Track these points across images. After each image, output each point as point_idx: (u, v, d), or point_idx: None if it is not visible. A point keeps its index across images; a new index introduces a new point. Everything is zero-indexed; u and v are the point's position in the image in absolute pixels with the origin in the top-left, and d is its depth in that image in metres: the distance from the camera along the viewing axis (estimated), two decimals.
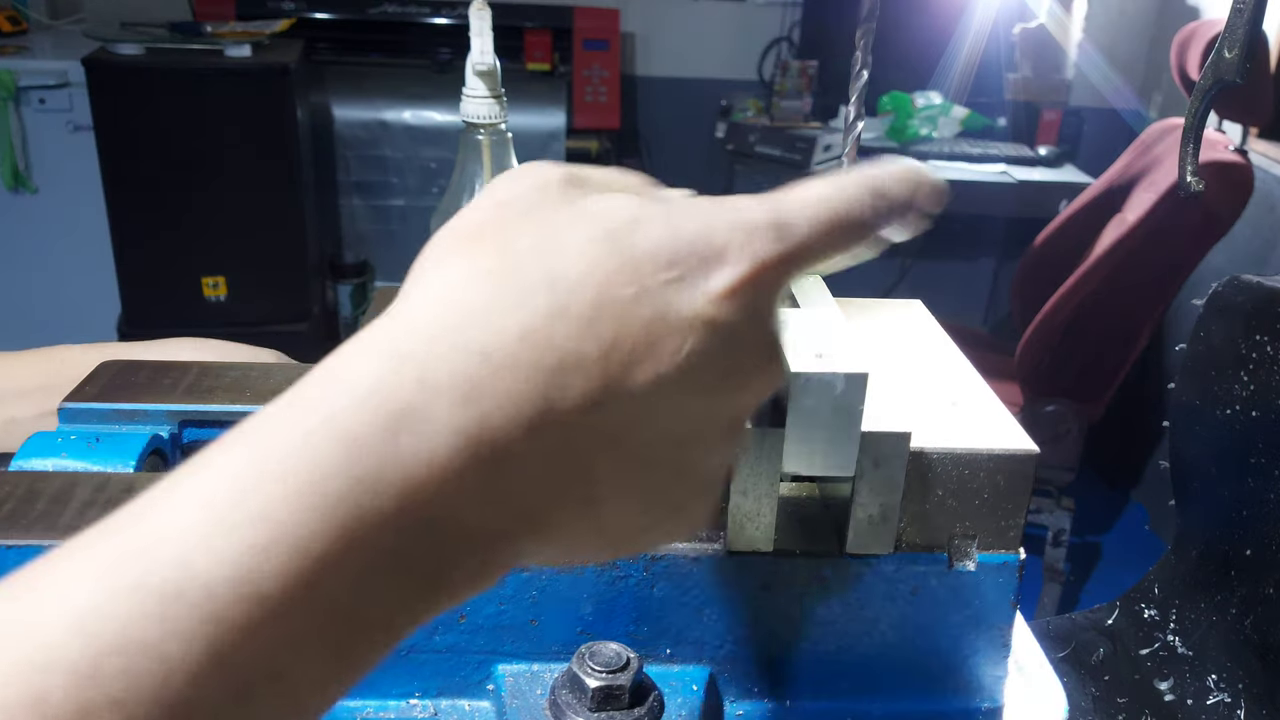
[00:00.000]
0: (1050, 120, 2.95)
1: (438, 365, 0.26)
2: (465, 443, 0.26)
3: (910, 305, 0.63)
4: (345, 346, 0.28)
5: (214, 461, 0.25)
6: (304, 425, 0.25)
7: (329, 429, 0.25)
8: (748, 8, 3.15)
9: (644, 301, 0.28)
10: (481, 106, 0.80)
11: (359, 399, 0.25)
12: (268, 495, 0.24)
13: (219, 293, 2.38)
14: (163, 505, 0.24)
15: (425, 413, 0.25)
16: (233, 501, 0.24)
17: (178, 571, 0.23)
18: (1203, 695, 0.73)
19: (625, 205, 0.30)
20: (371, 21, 2.89)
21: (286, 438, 0.25)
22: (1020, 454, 0.47)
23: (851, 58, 0.59)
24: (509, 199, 0.30)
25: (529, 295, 0.27)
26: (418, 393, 0.26)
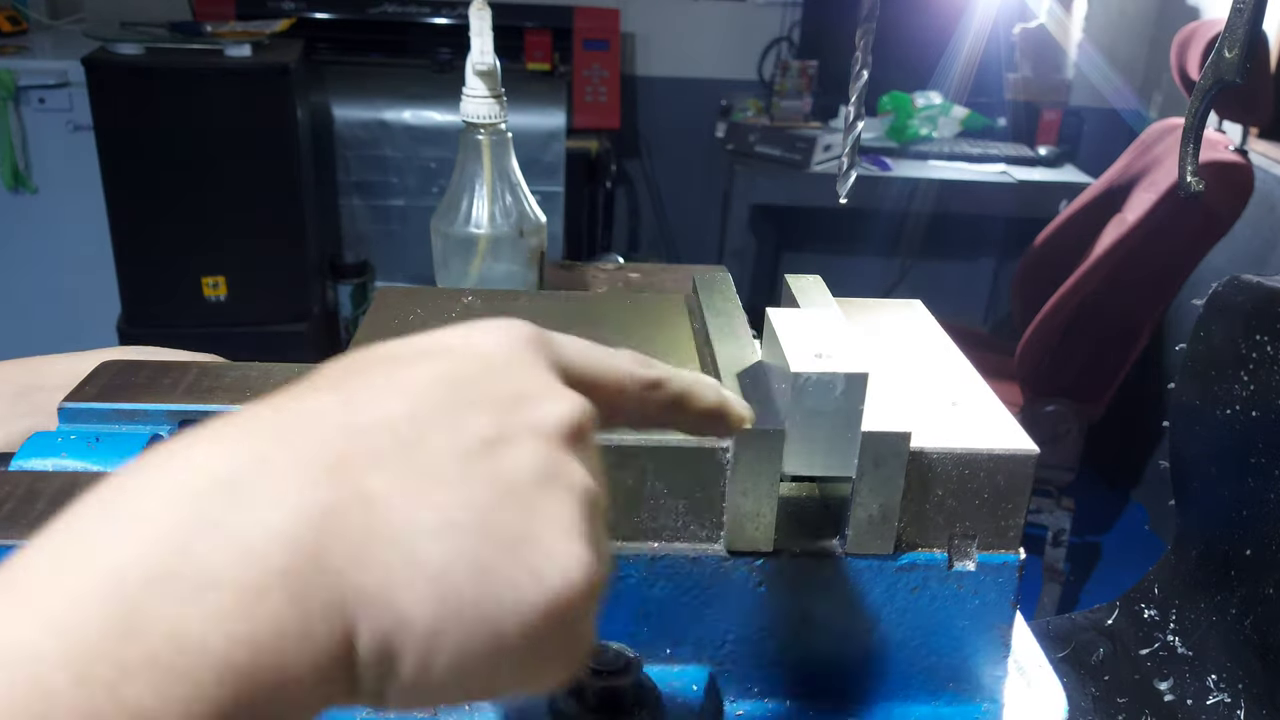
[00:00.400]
0: (1050, 120, 2.95)
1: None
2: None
3: (910, 305, 0.63)
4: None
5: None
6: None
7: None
8: (748, 8, 3.15)
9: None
10: (481, 106, 0.80)
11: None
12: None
13: (219, 293, 2.38)
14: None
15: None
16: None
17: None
18: (1203, 695, 0.73)
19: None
20: (371, 21, 2.89)
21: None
22: (1020, 454, 0.47)
23: (851, 58, 0.59)
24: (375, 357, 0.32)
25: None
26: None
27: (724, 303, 0.59)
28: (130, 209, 2.29)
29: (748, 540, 0.47)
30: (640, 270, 1.00)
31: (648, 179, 3.31)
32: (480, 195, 0.81)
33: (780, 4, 3.13)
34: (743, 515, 0.47)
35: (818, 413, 0.45)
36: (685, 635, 0.49)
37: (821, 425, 0.45)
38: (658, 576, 0.48)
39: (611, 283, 0.96)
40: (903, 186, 2.71)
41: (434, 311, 0.58)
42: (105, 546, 0.23)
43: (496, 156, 0.82)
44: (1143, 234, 1.97)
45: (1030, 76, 2.93)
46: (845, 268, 3.28)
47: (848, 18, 0.56)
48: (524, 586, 0.26)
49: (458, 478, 0.27)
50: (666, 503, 0.47)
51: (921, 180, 2.71)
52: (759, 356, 0.52)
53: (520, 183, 0.84)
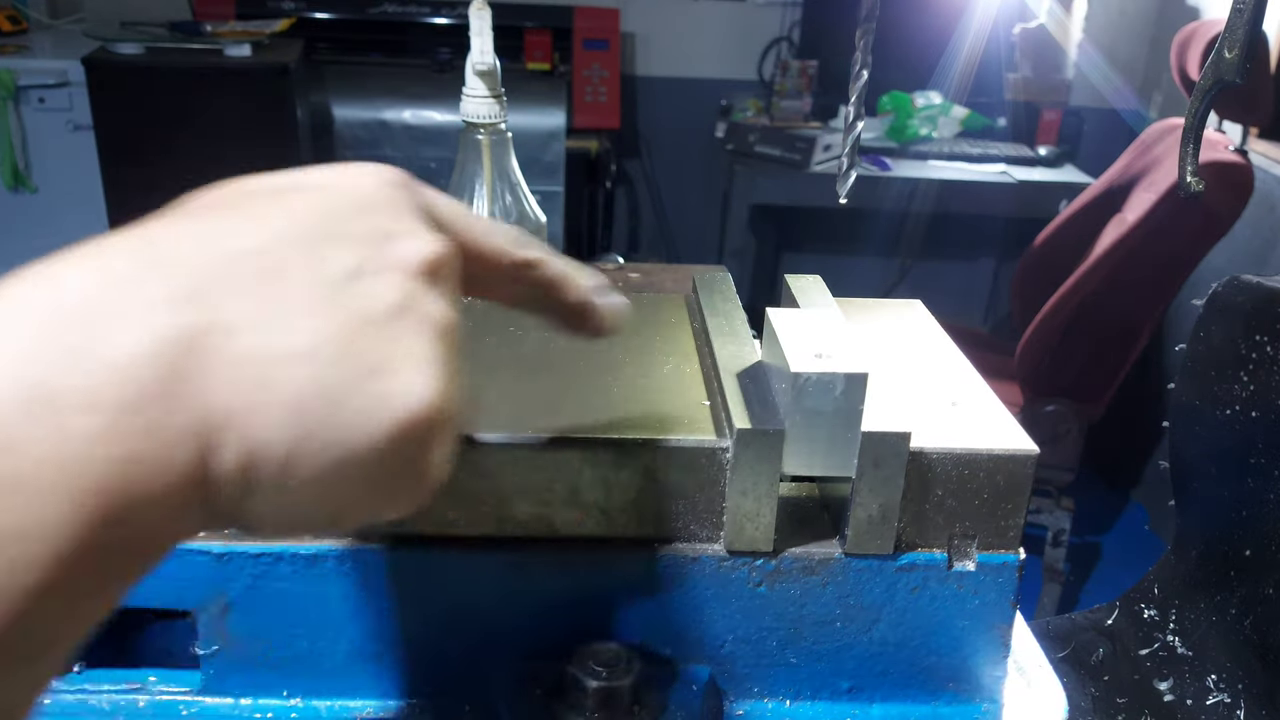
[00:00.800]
0: (1050, 120, 2.95)
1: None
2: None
3: (910, 305, 0.63)
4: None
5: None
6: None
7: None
8: (748, 8, 3.15)
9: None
10: (481, 106, 0.80)
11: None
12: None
13: None
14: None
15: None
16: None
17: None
18: (1203, 695, 0.73)
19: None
20: (371, 21, 2.89)
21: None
22: (1020, 454, 0.47)
23: (851, 58, 0.59)
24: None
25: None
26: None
27: (724, 303, 0.59)
28: (130, 209, 2.27)
29: (748, 540, 0.47)
30: (640, 270, 1.00)
31: (648, 179, 3.31)
32: (480, 195, 0.81)
33: (780, 4, 3.13)
34: (743, 515, 0.47)
35: (818, 413, 0.45)
36: (685, 635, 0.49)
37: (821, 425, 0.45)
38: (658, 576, 0.48)
39: (611, 283, 0.96)
40: (903, 186, 2.70)
41: None
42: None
43: (496, 156, 0.82)
44: (1143, 234, 1.97)
45: (1030, 76, 2.93)
46: (845, 268, 3.28)
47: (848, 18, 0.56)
48: (374, 411, 0.28)
49: (316, 307, 0.28)
50: (666, 503, 0.47)
51: (921, 180, 2.71)
52: (759, 356, 0.52)
53: (520, 183, 0.84)
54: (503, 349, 0.54)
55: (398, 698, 0.50)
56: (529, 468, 0.46)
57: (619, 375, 0.52)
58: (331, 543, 0.47)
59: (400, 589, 0.47)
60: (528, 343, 0.55)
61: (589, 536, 0.48)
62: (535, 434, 0.46)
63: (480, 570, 0.47)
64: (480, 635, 0.49)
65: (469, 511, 0.47)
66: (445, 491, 0.46)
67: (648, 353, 0.55)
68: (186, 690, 0.49)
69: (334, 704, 0.49)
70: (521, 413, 0.48)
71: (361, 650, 0.48)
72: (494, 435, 0.46)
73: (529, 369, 0.52)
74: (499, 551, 0.47)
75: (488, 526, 0.47)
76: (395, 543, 0.47)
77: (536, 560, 0.47)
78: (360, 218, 0.30)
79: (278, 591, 0.47)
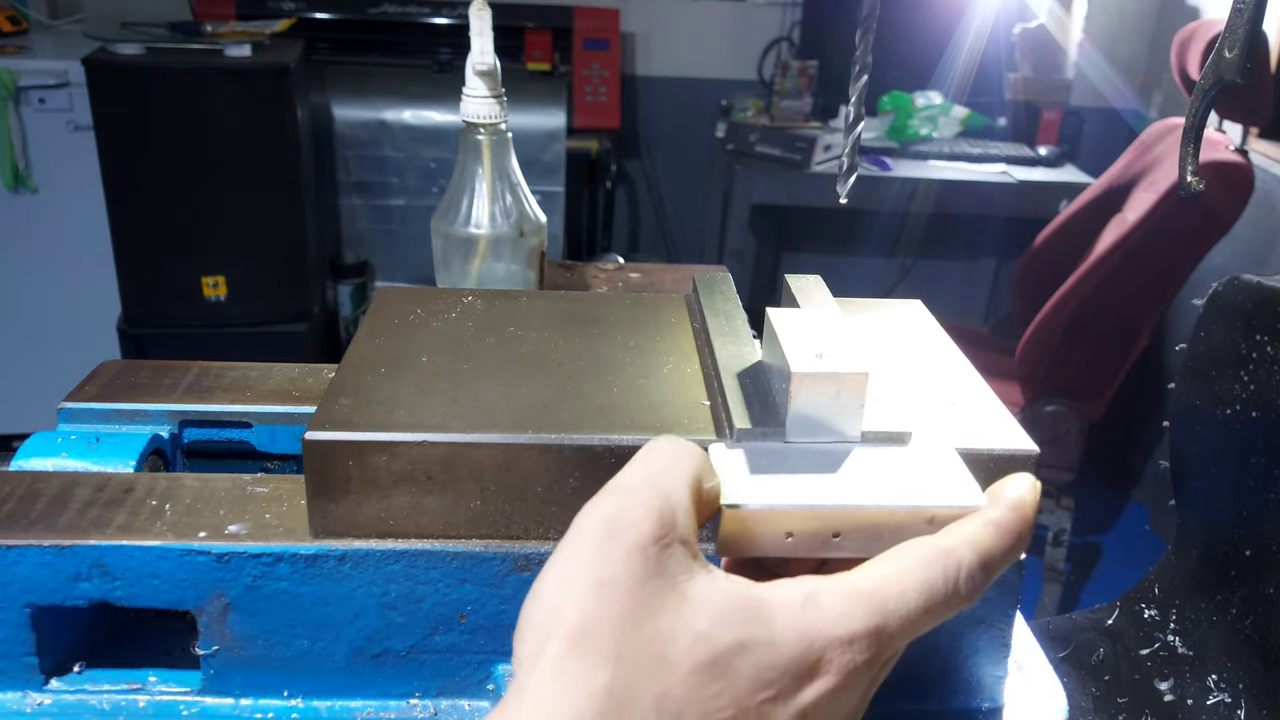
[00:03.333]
0: (1050, 120, 2.95)
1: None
2: None
3: (910, 305, 0.63)
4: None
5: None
6: None
7: None
8: (748, 8, 3.15)
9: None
10: (481, 106, 0.80)
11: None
12: None
13: (219, 293, 2.38)
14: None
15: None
16: None
17: None
18: (1203, 695, 0.73)
19: (728, 625, 0.32)
20: (371, 21, 2.89)
21: None
22: (1020, 454, 0.47)
23: (851, 58, 0.59)
24: (609, 580, 0.32)
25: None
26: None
27: (724, 303, 0.59)
28: (130, 209, 2.28)
29: None
30: (640, 270, 1.00)
31: (648, 179, 3.31)
32: (480, 195, 0.81)
33: (780, 4, 3.13)
34: None
35: (817, 413, 0.45)
36: None
37: (821, 426, 0.45)
38: None
39: (611, 283, 0.96)
40: (903, 186, 2.71)
41: (434, 311, 0.58)
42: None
43: (496, 156, 0.82)
44: (1143, 234, 1.97)
45: (1030, 76, 2.93)
46: (845, 268, 3.28)
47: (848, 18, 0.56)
48: None
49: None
50: None
51: (921, 180, 2.71)
52: (759, 356, 0.52)
53: (520, 183, 0.84)
54: (503, 349, 0.54)
55: (398, 698, 0.50)
56: (529, 468, 0.46)
57: (619, 375, 0.52)
58: (332, 543, 0.47)
59: (400, 589, 0.47)
60: (528, 343, 0.55)
61: None
62: (535, 434, 0.46)
63: (480, 570, 0.47)
64: (480, 635, 0.49)
65: (469, 512, 0.47)
66: (445, 492, 0.47)
67: (648, 353, 0.55)
68: (186, 690, 0.49)
69: (334, 704, 0.49)
70: (521, 413, 0.48)
71: (361, 650, 0.48)
72: (494, 435, 0.46)
73: (529, 369, 0.52)
74: (499, 552, 0.47)
75: (488, 527, 0.47)
76: (395, 542, 0.47)
77: (537, 560, 0.47)
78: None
79: (278, 591, 0.47)
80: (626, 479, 0.35)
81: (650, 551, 0.32)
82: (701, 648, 0.31)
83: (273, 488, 0.51)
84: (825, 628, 0.33)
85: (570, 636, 0.31)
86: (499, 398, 0.49)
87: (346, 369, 0.51)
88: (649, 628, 0.31)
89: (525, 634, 0.32)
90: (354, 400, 0.48)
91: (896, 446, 0.44)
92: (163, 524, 0.48)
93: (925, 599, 0.34)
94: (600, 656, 0.31)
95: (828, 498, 0.39)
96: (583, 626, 0.31)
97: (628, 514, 0.33)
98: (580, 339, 0.56)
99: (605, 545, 0.33)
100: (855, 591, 0.34)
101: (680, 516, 0.34)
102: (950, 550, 0.35)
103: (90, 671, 0.50)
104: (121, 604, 0.47)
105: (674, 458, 0.36)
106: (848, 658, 0.32)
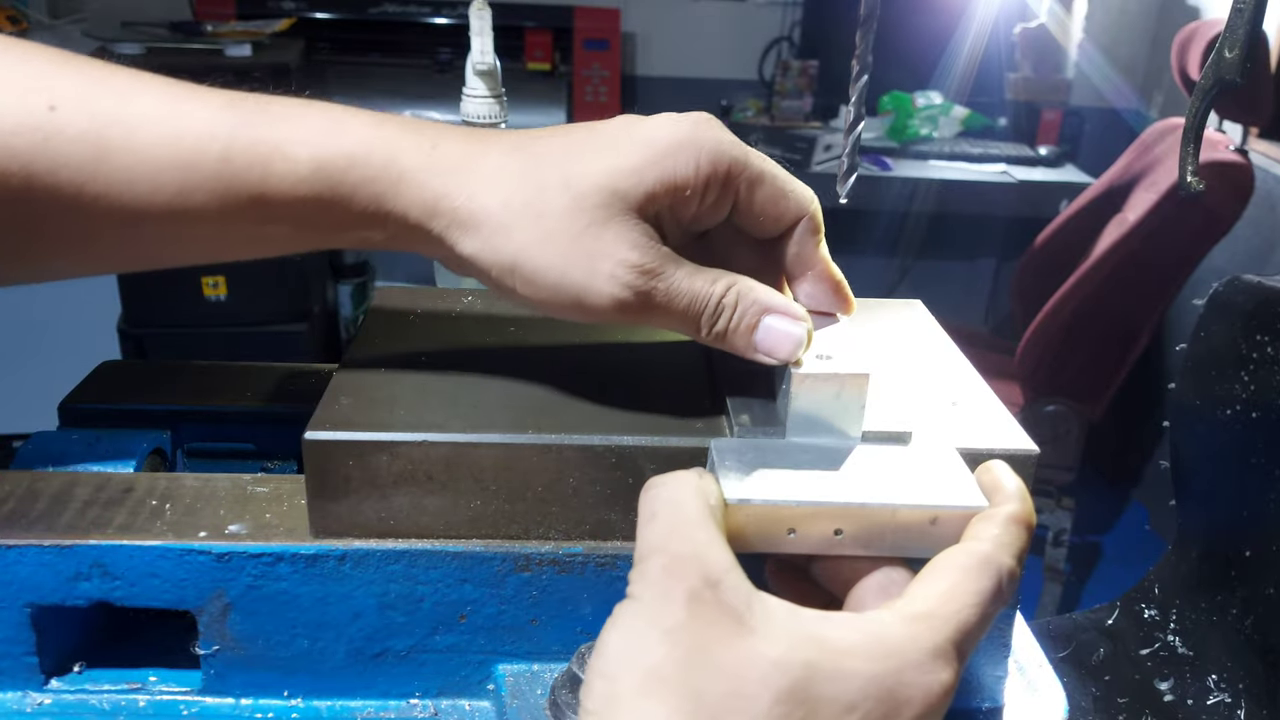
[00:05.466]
0: (1050, 120, 2.95)
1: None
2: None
3: (910, 305, 0.63)
4: None
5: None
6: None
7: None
8: (748, 8, 3.15)
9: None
10: (481, 106, 0.80)
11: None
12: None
13: (219, 293, 2.37)
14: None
15: None
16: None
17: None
18: (1203, 695, 0.73)
19: (800, 649, 0.32)
20: (371, 21, 2.89)
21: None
22: (1020, 454, 0.47)
23: (851, 58, 0.59)
24: (675, 626, 0.32)
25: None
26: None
27: None
28: None
29: None
30: None
31: None
32: None
33: (780, 4, 3.13)
34: None
35: (818, 414, 0.45)
36: None
37: (821, 426, 0.45)
38: None
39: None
40: (903, 186, 2.71)
41: (434, 311, 0.58)
42: None
43: None
44: (1143, 234, 1.97)
45: (1030, 76, 2.93)
46: (845, 268, 3.24)
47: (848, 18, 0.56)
48: None
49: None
50: None
51: (921, 180, 2.71)
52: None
53: None
54: (503, 349, 0.54)
55: (398, 698, 0.50)
56: (529, 468, 0.46)
57: (619, 375, 0.52)
58: (332, 543, 0.47)
59: (400, 589, 0.47)
60: (528, 343, 0.55)
61: (589, 537, 0.48)
62: (535, 434, 0.46)
63: (480, 570, 0.47)
64: (480, 635, 0.49)
65: (468, 512, 0.47)
66: (445, 492, 0.47)
67: (648, 352, 0.55)
68: (186, 690, 0.49)
69: (334, 704, 0.49)
70: (521, 413, 0.48)
71: (361, 650, 0.48)
72: (494, 435, 0.46)
73: (529, 369, 0.52)
74: (499, 552, 0.47)
75: (488, 527, 0.47)
76: (395, 542, 0.47)
77: (536, 560, 0.47)
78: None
79: (278, 591, 0.47)
80: (650, 541, 0.35)
81: (706, 595, 0.32)
82: (779, 675, 0.31)
83: (273, 488, 0.51)
84: (897, 653, 0.33)
85: (644, 680, 0.31)
86: (499, 398, 0.49)
87: (346, 369, 0.51)
88: (723, 663, 0.31)
89: (595, 685, 0.32)
90: (354, 400, 0.48)
91: (898, 446, 0.44)
92: (163, 524, 0.48)
93: (981, 611, 0.35)
94: (678, 697, 0.31)
95: (831, 494, 0.39)
96: (656, 669, 0.31)
97: (671, 569, 0.33)
98: (580, 338, 0.56)
99: (662, 600, 0.33)
100: (916, 615, 0.34)
101: (715, 552, 0.34)
102: (990, 559, 0.36)
103: (90, 671, 0.50)
104: (121, 604, 0.47)
105: (676, 501, 0.36)
106: (927, 680, 0.33)
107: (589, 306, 0.45)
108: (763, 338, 0.45)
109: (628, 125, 0.46)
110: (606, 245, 0.43)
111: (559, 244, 0.44)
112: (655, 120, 0.45)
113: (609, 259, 0.43)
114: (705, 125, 0.45)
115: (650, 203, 0.44)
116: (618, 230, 0.44)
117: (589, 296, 0.44)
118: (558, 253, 0.44)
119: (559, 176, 0.44)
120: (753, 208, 0.46)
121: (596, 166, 0.44)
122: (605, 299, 0.44)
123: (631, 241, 0.44)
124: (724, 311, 0.45)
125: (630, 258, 0.43)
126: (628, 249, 0.43)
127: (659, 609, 0.33)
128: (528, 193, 0.44)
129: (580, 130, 0.46)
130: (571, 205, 0.44)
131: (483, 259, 0.45)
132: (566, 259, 0.44)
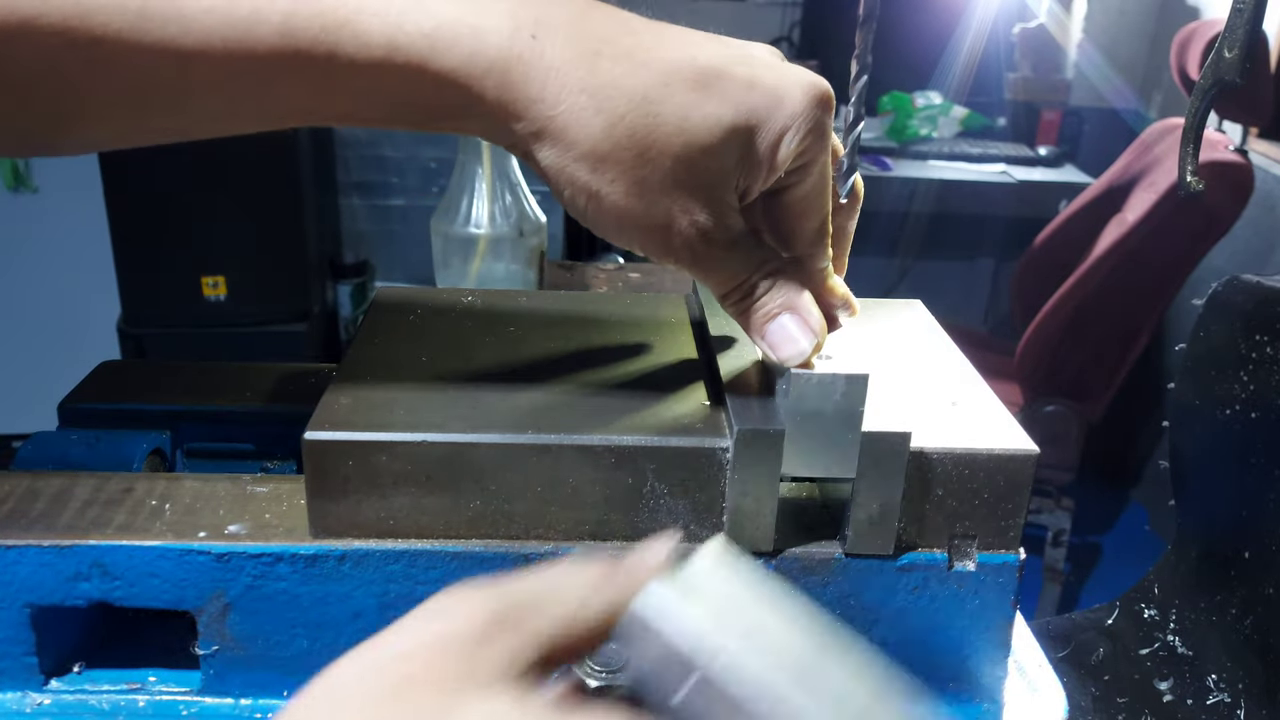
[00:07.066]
0: (1050, 120, 2.95)
1: None
2: None
3: (910, 305, 0.63)
4: None
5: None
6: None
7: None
8: (748, 8, 3.15)
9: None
10: None
11: None
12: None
13: (219, 293, 2.38)
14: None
15: None
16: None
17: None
18: (1203, 695, 0.73)
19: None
20: None
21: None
22: (1020, 454, 0.47)
23: (851, 58, 0.59)
24: (409, 652, 0.30)
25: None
26: None
27: None
28: (130, 209, 2.28)
29: (748, 540, 0.47)
30: (640, 270, 1.00)
31: None
32: (480, 195, 0.81)
33: (780, 4, 3.13)
34: (743, 515, 0.47)
35: (818, 413, 0.45)
36: None
37: (821, 426, 0.45)
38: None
39: (611, 283, 0.96)
40: (903, 186, 2.70)
41: (434, 311, 0.58)
42: None
43: (496, 157, 0.82)
44: (1143, 234, 1.97)
45: (1030, 76, 2.93)
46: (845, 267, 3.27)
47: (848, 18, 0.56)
48: None
49: None
50: (666, 503, 0.47)
51: (921, 180, 2.71)
52: (759, 356, 0.52)
53: (520, 183, 0.84)
54: (503, 349, 0.54)
55: None
56: (529, 468, 0.46)
57: (619, 375, 0.52)
58: (332, 543, 0.47)
59: (400, 589, 0.47)
60: (527, 343, 0.55)
61: (589, 537, 0.48)
62: (535, 434, 0.46)
63: (480, 570, 0.47)
64: None
65: (468, 512, 0.47)
66: (445, 492, 0.47)
67: (647, 352, 0.55)
68: (186, 690, 0.49)
69: None
70: (521, 413, 0.48)
71: None
72: (494, 435, 0.46)
73: (529, 369, 0.52)
74: (499, 552, 0.47)
75: (488, 527, 0.47)
76: (395, 542, 0.47)
77: (536, 560, 0.47)
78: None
79: (278, 591, 0.47)
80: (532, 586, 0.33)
81: (462, 645, 0.30)
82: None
83: (273, 488, 0.51)
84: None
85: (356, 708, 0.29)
86: (499, 398, 0.49)
87: (346, 369, 0.51)
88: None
89: (320, 685, 0.30)
90: (354, 400, 0.48)
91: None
92: (162, 524, 0.48)
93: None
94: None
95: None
96: (362, 692, 0.29)
97: (497, 618, 0.31)
98: (580, 339, 0.56)
99: (427, 618, 0.31)
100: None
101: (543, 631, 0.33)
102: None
103: (90, 671, 0.50)
104: (121, 604, 0.47)
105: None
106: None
107: (647, 250, 0.44)
108: (773, 330, 0.46)
109: (767, 71, 0.44)
110: (691, 208, 0.43)
111: (650, 193, 0.42)
112: (791, 80, 0.44)
113: (686, 217, 0.43)
114: (828, 109, 0.45)
115: (750, 173, 0.44)
116: (708, 196, 0.43)
117: (651, 244, 0.44)
118: (644, 201, 0.42)
119: (677, 120, 0.41)
120: (780, 209, 0.47)
121: (719, 125, 0.42)
122: (664, 251, 0.44)
123: (714, 211, 0.43)
124: (752, 294, 0.46)
125: (706, 226, 0.43)
126: (706, 216, 0.43)
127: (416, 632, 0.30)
128: (635, 124, 0.41)
129: (714, 51, 0.44)
130: (678, 159, 0.41)
131: (562, 177, 0.42)
132: (649, 209, 0.42)
